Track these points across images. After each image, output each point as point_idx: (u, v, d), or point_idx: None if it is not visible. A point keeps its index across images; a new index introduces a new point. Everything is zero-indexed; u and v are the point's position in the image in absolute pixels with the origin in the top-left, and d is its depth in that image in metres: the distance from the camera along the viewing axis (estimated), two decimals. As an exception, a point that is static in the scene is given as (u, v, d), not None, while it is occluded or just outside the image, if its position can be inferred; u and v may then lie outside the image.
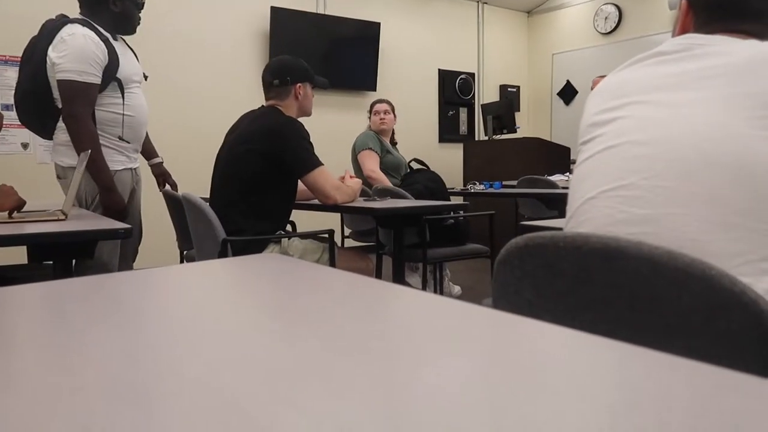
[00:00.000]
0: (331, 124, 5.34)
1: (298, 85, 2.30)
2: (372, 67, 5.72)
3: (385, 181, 3.32)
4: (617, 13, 6.11)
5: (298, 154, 2.16)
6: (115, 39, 2.36)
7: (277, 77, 2.28)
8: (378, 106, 3.74)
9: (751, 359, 0.66)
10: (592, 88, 5.03)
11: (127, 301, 0.62)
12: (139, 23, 2.44)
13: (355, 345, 0.45)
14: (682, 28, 1.01)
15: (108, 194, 2.26)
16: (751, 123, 0.79)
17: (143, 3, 2.43)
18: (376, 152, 3.48)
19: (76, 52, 2.17)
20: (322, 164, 2.20)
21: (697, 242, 0.77)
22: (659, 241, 0.80)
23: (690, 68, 0.88)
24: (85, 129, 2.20)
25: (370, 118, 3.82)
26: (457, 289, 3.74)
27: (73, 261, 1.90)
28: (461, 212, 2.77)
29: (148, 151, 2.72)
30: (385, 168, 3.44)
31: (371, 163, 3.40)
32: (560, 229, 0.93)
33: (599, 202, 0.89)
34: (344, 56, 5.56)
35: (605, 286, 0.74)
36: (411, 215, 2.33)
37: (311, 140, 2.22)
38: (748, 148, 0.77)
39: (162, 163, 2.80)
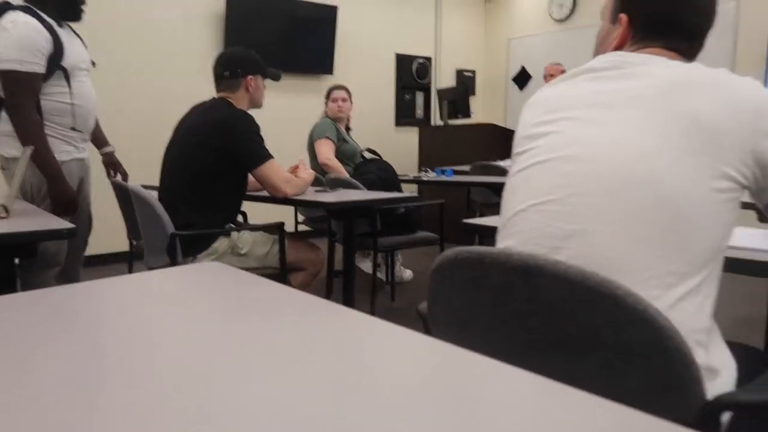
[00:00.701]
0: (288, 108, 5.29)
1: (249, 77, 2.28)
2: (329, 51, 5.67)
3: (340, 169, 3.33)
4: (571, 1, 6.21)
5: (248, 147, 2.16)
6: (60, 26, 2.28)
7: (228, 69, 2.26)
8: (336, 93, 3.71)
9: (654, 369, 0.72)
10: (545, 76, 5.11)
11: (58, 320, 0.63)
12: (84, 9, 2.36)
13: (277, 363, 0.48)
14: (621, 40, 1.05)
15: (56, 185, 2.21)
16: (669, 145, 0.84)
17: None
18: (333, 141, 3.47)
19: (18, 40, 2.10)
20: (272, 157, 2.20)
21: (613, 257, 0.83)
22: (582, 256, 0.85)
23: (618, 88, 0.93)
24: (28, 119, 2.14)
25: (327, 104, 3.77)
26: (408, 273, 3.80)
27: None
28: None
29: (99, 139, 2.67)
30: (340, 156, 3.44)
31: (327, 151, 3.40)
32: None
33: (529, 215, 0.93)
34: (301, 40, 5.49)
35: (525, 300, 0.79)
36: (362, 207, 2.36)
37: (262, 132, 2.22)
38: (664, 169, 0.83)
39: (113, 152, 2.74)
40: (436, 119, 6.60)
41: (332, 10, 5.61)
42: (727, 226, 0.84)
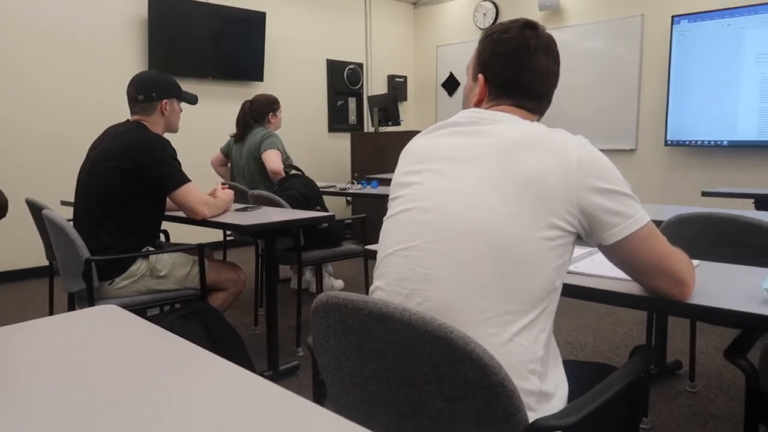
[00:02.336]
0: (217, 114, 5.26)
1: (165, 101, 2.31)
2: (258, 58, 5.68)
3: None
4: (494, 10, 6.46)
5: (164, 172, 2.19)
6: None
7: (142, 93, 2.28)
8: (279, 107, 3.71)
9: (483, 401, 0.85)
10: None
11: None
12: None
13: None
14: (479, 97, 1.19)
15: None
16: (505, 199, 0.98)
17: None
18: (282, 153, 3.50)
19: None
20: (189, 180, 2.25)
21: (457, 299, 0.96)
22: (433, 298, 0.98)
23: (471, 144, 1.06)
24: None
25: (273, 115, 3.67)
26: (339, 283, 3.90)
27: None
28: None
29: None
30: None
31: (278, 161, 3.40)
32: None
33: (394, 259, 1.05)
34: (229, 45, 5.48)
35: (382, 341, 0.91)
36: (280, 229, 2.44)
37: (194, 139, 2.27)
38: (498, 220, 0.96)
39: None
40: (368, 125, 6.72)
41: (260, 16, 5.62)
42: (557, 269, 0.99)
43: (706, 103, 4.94)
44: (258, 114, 3.63)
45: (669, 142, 5.19)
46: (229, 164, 3.80)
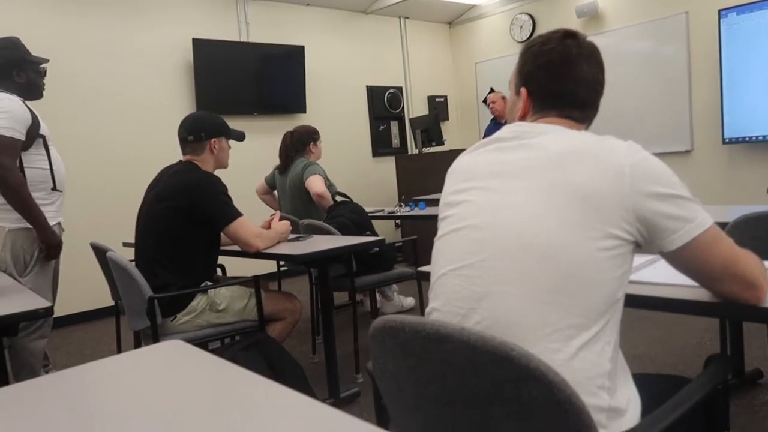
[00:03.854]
0: (264, 149, 5.39)
1: (213, 140, 2.39)
2: (300, 90, 5.82)
3: (329, 199, 3.42)
4: (531, 22, 6.42)
5: (217, 208, 2.26)
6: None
7: (192, 134, 2.37)
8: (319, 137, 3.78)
9: (551, 419, 0.83)
10: (485, 102, 5.28)
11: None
12: (44, 87, 2.55)
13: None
14: (524, 111, 1.17)
15: (44, 232, 2.46)
16: (556, 211, 0.96)
17: (45, 70, 2.55)
18: (325, 178, 3.55)
19: (8, 113, 2.35)
20: (241, 215, 2.30)
21: (516, 315, 0.94)
22: (492, 316, 0.96)
23: (518, 157, 1.05)
24: (13, 177, 2.36)
25: (314, 145, 3.75)
26: (409, 300, 3.90)
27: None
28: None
29: None
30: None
31: (321, 184, 3.44)
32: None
33: (449, 279, 1.04)
34: (271, 82, 5.64)
35: (441, 362, 0.90)
36: (332, 256, 2.46)
37: (242, 176, 2.34)
38: (551, 233, 0.94)
39: None
40: (412, 147, 6.75)
41: (299, 50, 5.77)
42: (618, 279, 0.95)
43: (764, 96, 4.73)
44: (299, 144, 3.70)
45: (727, 140, 4.98)
46: (276, 195, 3.89)
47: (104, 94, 4.74)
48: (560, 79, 1.11)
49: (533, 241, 0.95)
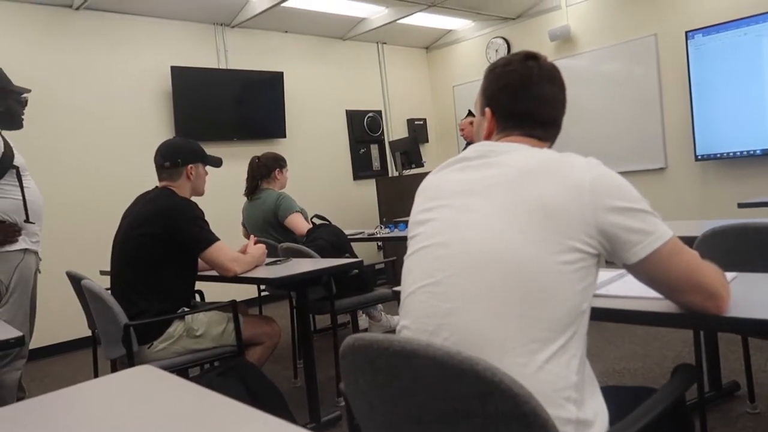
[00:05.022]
0: (243, 174, 5.37)
1: (190, 166, 2.39)
2: (280, 115, 5.85)
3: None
4: (506, 45, 6.55)
5: (194, 233, 2.25)
6: None
7: (168, 160, 2.37)
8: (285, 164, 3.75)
9: (517, 431, 0.83)
10: (460, 129, 5.36)
11: None
12: (23, 117, 2.52)
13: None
14: (489, 131, 1.20)
15: None
16: (519, 227, 0.98)
17: (26, 100, 2.53)
18: (301, 212, 3.52)
19: None
20: (218, 239, 2.30)
21: (482, 331, 0.95)
22: (458, 332, 0.97)
23: (482, 176, 1.07)
24: None
25: (279, 172, 3.68)
26: (397, 319, 3.87)
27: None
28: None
29: None
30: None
31: (303, 223, 3.43)
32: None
33: (416, 297, 1.05)
34: (251, 107, 5.67)
35: (409, 379, 0.90)
36: (310, 279, 2.46)
37: (223, 199, 2.32)
38: (514, 249, 0.96)
39: None
40: (392, 170, 6.79)
41: (278, 75, 5.82)
42: (582, 292, 0.97)
43: (733, 114, 4.86)
44: (265, 170, 3.63)
45: (699, 157, 5.09)
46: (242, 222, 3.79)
47: (83, 121, 4.72)
48: (521, 99, 1.15)
49: (496, 257, 0.97)
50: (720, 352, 2.49)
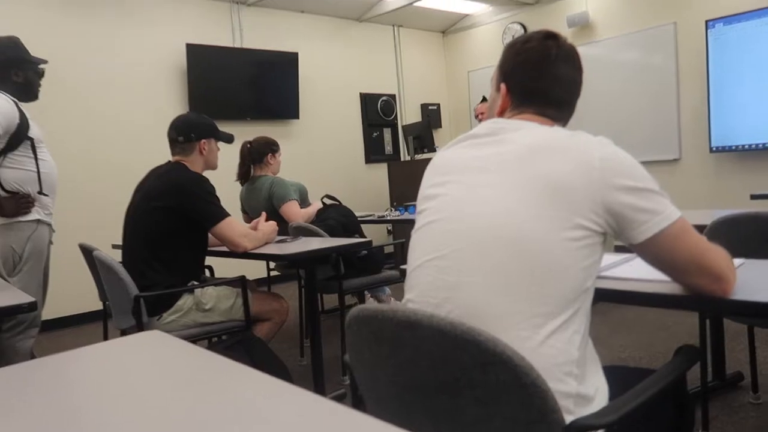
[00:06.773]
0: (257, 155, 5.43)
1: (203, 141, 2.41)
2: (293, 96, 5.85)
3: (309, 215, 3.34)
4: (523, 31, 6.48)
5: (204, 208, 2.28)
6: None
7: (182, 134, 2.39)
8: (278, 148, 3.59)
9: (517, 403, 0.84)
10: (476, 115, 5.31)
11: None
12: (40, 88, 2.56)
13: None
14: (503, 107, 1.20)
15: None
16: (527, 203, 0.98)
17: (44, 71, 2.55)
18: (297, 200, 3.43)
19: None
20: (229, 215, 2.32)
21: (486, 304, 0.96)
22: (464, 305, 0.98)
23: (490, 153, 1.08)
24: None
25: (272, 156, 3.51)
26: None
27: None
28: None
29: None
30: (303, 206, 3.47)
31: (298, 212, 3.33)
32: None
33: (423, 270, 1.06)
34: (265, 87, 5.67)
35: (413, 349, 0.91)
36: (322, 256, 2.47)
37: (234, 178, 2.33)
38: (522, 224, 0.97)
39: None
40: (404, 154, 6.78)
41: (293, 56, 5.81)
42: (587, 269, 0.97)
43: (751, 106, 4.79)
44: (257, 154, 3.48)
45: (714, 149, 5.04)
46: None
47: (98, 98, 4.75)
48: (538, 77, 1.14)
49: (503, 232, 0.97)
50: (726, 344, 2.49)
